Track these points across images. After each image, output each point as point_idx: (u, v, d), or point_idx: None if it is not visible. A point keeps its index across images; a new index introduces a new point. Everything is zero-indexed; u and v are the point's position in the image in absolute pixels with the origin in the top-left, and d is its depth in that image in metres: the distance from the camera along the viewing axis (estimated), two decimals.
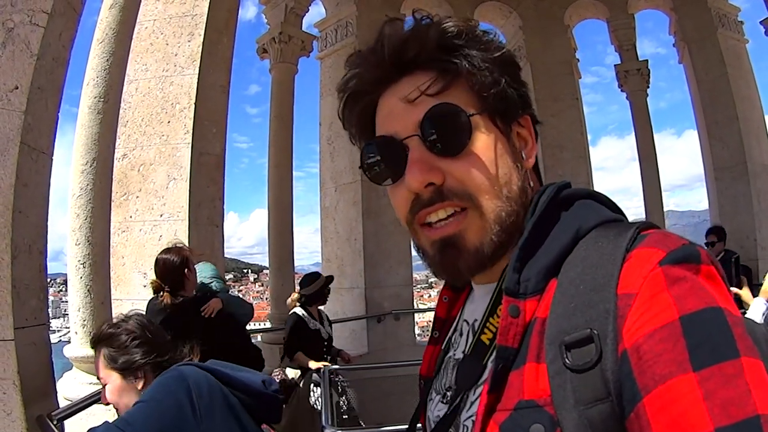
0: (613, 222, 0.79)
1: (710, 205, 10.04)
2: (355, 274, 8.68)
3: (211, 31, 6.19)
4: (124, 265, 5.68)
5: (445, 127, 0.81)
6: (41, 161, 3.26)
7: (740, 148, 9.28)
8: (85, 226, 4.47)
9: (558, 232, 0.79)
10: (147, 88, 6.09)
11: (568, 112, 10.58)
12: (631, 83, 11.67)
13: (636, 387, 0.59)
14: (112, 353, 2.21)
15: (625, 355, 0.61)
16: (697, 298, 0.61)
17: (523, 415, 0.69)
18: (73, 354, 4.38)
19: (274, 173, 9.53)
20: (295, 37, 9.74)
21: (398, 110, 0.86)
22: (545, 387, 0.67)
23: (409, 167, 0.82)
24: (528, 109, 0.92)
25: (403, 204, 0.86)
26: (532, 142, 0.92)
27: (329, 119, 9.26)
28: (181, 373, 2.07)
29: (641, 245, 0.69)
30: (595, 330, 0.65)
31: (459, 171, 0.81)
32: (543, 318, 0.72)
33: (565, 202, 0.83)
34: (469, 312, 0.98)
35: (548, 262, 0.76)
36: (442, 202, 0.82)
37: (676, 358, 0.57)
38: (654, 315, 0.61)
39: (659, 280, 0.63)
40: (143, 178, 5.88)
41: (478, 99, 0.85)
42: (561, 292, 0.72)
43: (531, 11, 11.00)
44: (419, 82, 0.84)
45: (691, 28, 10.15)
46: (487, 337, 0.84)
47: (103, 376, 2.22)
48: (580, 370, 0.64)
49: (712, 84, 9.72)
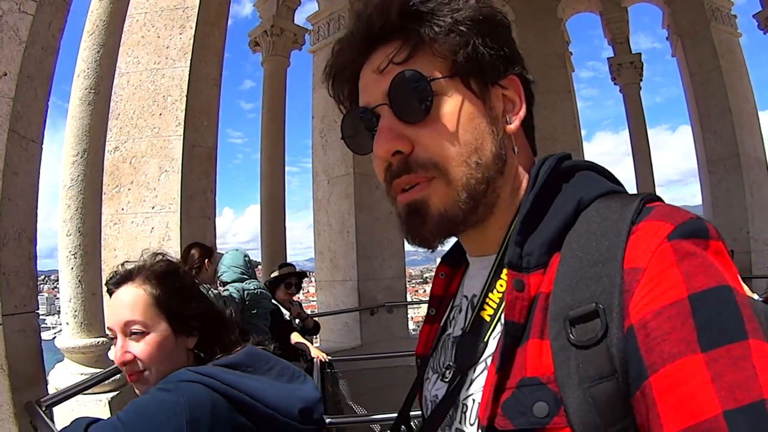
0: (614, 193, 0.78)
1: (703, 197, 10.10)
2: (348, 266, 8.67)
3: (203, 24, 6.19)
4: (116, 257, 5.64)
5: (407, 95, 0.81)
6: (31, 149, 3.26)
7: (733, 140, 9.35)
8: (76, 216, 4.45)
9: (559, 204, 0.78)
10: (138, 81, 6.09)
11: (562, 105, 10.59)
12: (625, 76, 11.75)
13: (642, 364, 0.58)
14: (174, 295, 1.65)
15: (632, 330, 0.60)
16: (707, 276, 0.60)
17: (526, 393, 0.68)
18: (65, 344, 4.36)
19: (267, 166, 9.55)
20: (288, 30, 9.77)
21: (370, 81, 0.86)
22: (548, 364, 0.66)
23: (377, 136, 0.83)
24: (515, 69, 0.88)
25: (380, 172, 0.86)
26: (521, 103, 0.88)
27: (322, 112, 9.24)
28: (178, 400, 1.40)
29: (648, 218, 0.68)
30: (601, 304, 0.64)
31: (425, 138, 0.81)
32: (546, 293, 0.71)
33: (565, 173, 0.82)
34: (467, 287, 0.96)
35: (550, 235, 0.75)
36: (409, 174, 0.82)
37: (684, 337, 0.56)
38: (662, 291, 0.60)
39: (668, 254, 0.62)
40: (135, 171, 5.88)
41: (447, 63, 0.82)
42: (565, 266, 0.71)
43: (524, 4, 11.01)
44: (388, 52, 0.84)
45: (684, 21, 10.20)
46: (487, 314, 0.82)
47: (146, 320, 1.59)
48: (585, 345, 0.63)
49: (705, 77, 9.78)
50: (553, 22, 11.16)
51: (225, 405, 1.46)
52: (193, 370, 1.50)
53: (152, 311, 1.60)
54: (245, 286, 4.99)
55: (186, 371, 1.50)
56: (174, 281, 1.67)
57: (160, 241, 5.64)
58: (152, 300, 1.61)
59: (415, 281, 72.31)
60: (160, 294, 1.62)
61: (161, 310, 1.61)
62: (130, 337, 1.58)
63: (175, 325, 1.62)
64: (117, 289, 1.64)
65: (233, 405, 1.48)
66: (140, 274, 1.65)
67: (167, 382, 1.47)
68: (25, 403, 2.96)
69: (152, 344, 1.58)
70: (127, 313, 1.59)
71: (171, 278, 1.67)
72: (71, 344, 4.34)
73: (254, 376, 1.59)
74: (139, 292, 1.61)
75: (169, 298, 1.63)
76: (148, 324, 1.58)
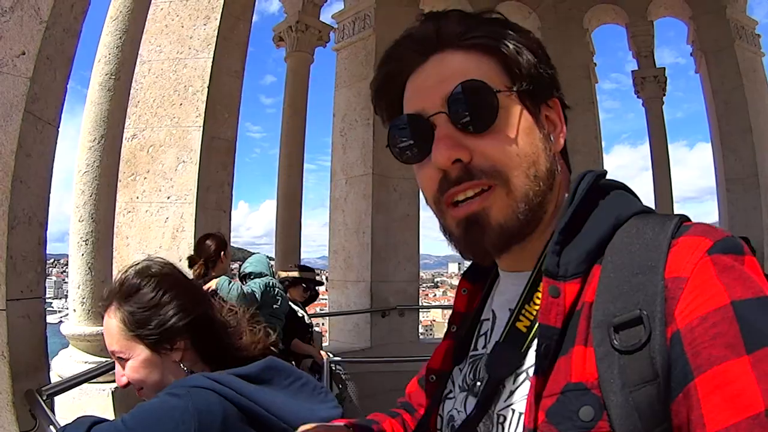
0: (648, 213, 0.80)
1: (720, 215, 10.02)
2: (362, 267, 8.61)
3: (228, 16, 6.15)
4: (128, 246, 5.65)
5: (472, 105, 0.81)
6: (46, 132, 3.21)
7: (753, 160, 9.29)
8: (89, 203, 4.42)
9: (597, 218, 0.80)
10: (160, 70, 6.05)
11: (584, 116, 10.47)
12: (648, 90, 11.61)
13: (688, 367, 0.61)
14: (138, 315, 1.59)
15: (678, 335, 0.63)
16: (746, 287, 0.63)
17: (572, 398, 0.69)
18: (70, 331, 4.33)
19: (285, 162, 9.51)
20: (312, 27, 9.71)
21: (425, 87, 0.86)
22: (592, 370, 0.68)
23: (436, 144, 0.82)
24: (557, 92, 0.92)
25: (431, 184, 0.86)
26: (561, 125, 0.92)
27: (343, 111, 9.19)
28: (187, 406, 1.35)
29: (687, 233, 0.71)
30: (644, 311, 0.66)
31: (487, 148, 0.81)
32: (590, 302, 0.73)
33: (602, 190, 0.84)
34: (498, 302, 0.96)
35: (589, 246, 0.77)
36: (470, 181, 0.81)
37: (730, 341, 0.59)
38: (707, 299, 0.63)
39: (709, 267, 0.65)
40: (152, 159, 5.84)
41: (509, 77, 0.85)
42: (607, 277, 0.72)
43: (550, 13, 10.92)
44: (448, 60, 0.85)
45: (709, 38, 10.13)
46: (524, 325, 0.82)
47: (122, 349, 1.60)
48: (629, 351, 0.65)
49: (728, 95, 9.71)
50: (579, 32, 11.05)
51: (237, 416, 1.41)
52: (208, 376, 1.45)
53: (125, 338, 1.60)
54: (267, 281, 5.02)
55: (200, 377, 1.45)
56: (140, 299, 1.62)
57: (173, 232, 5.61)
58: (123, 326, 1.59)
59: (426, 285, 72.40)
60: (127, 319, 1.59)
61: (134, 335, 1.59)
62: (120, 363, 1.63)
63: (153, 345, 1.59)
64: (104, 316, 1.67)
65: (246, 416, 1.43)
66: (112, 302, 1.64)
67: (178, 387, 1.42)
68: (26, 391, 2.90)
69: (135, 368, 1.59)
70: (109, 342, 1.64)
71: (136, 296, 1.62)
72: (77, 331, 4.31)
73: (272, 389, 1.54)
74: (112, 322, 1.61)
75: (138, 319, 1.59)
76: (125, 351, 1.60)
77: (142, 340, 1.59)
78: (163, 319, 1.60)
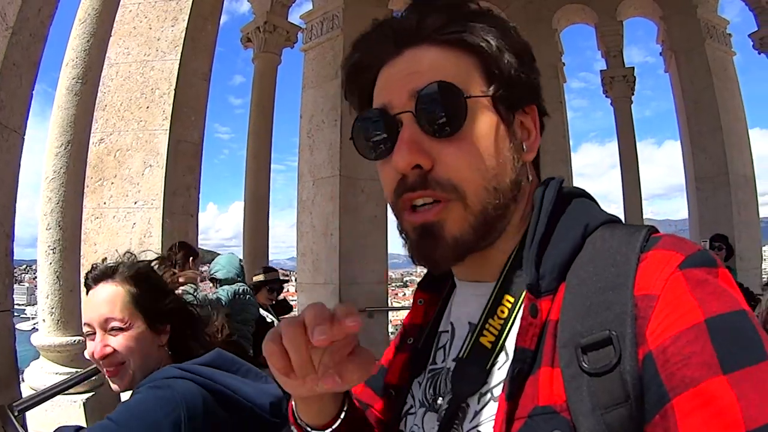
0: (615, 222, 0.78)
1: (690, 214, 10.12)
2: (330, 269, 8.55)
3: (196, 17, 6.08)
4: (96, 252, 5.52)
5: (439, 107, 0.77)
6: (12, 140, 3.14)
7: (723, 159, 9.35)
8: (56, 210, 4.34)
9: (565, 229, 0.77)
10: (127, 72, 5.95)
11: (552, 116, 10.46)
12: (617, 89, 11.76)
13: (663, 389, 0.58)
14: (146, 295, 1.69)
15: (650, 356, 0.60)
16: (721, 301, 0.61)
17: (540, 422, 0.66)
18: (41, 342, 4.25)
19: (253, 163, 9.47)
20: (280, 28, 9.69)
21: (394, 81, 0.82)
22: (560, 392, 0.65)
23: (398, 146, 0.78)
24: (536, 99, 0.88)
25: (389, 183, 0.83)
26: (536, 133, 0.88)
27: (310, 112, 9.12)
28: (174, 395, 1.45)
29: (656, 247, 0.68)
30: (614, 331, 0.63)
31: (449, 157, 0.77)
32: (555, 320, 0.70)
33: (565, 198, 0.83)
34: (457, 314, 0.91)
35: (561, 259, 0.74)
36: (425, 190, 0.78)
37: (705, 360, 0.57)
38: (679, 317, 0.60)
39: (681, 282, 0.63)
40: (119, 164, 5.73)
41: (485, 80, 0.81)
42: (572, 293, 0.70)
43: (520, 13, 10.94)
44: (422, 55, 0.81)
45: (679, 37, 10.20)
46: (488, 340, 0.78)
47: (123, 317, 1.63)
48: (599, 373, 0.63)
49: (698, 94, 9.78)
50: (548, 32, 11.10)
51: (211, 399, 1.52)
52: (178, 366, 1.55)
53: (130, 309, 1.65)
54: (236, 288, 5.07)
55: (171, 368, 1.54)
56: (150, 281, 1.73)
57: (141, 237, 5.52)
58: (130, 298, 1.66)
59: (395, 284, 72.45)
60: (138, 293, 1.67)
61: (138, 308, 1.66)
62: (108, 332, 1.62)
63: (151, 323, 1.67)
64: (96, 285, 1.69)
65: (216, 399, 1.54)
66: (120, 273, 1.69)
67: (155, 380, 1.50)
68: None
69: (131, 339, 1.62)
70: (107, 309, 1.64)
71: (148, 278, 1.73)
72: (47, 342, 4.24)
73: (229, 374, 1.65)
74: (118, 290, 1.66)
75: (146, 296, 1.68)
76: (127, 321, 1.63)
77: (144, 315, 1.66)
78: (164, 302, 1.72)
